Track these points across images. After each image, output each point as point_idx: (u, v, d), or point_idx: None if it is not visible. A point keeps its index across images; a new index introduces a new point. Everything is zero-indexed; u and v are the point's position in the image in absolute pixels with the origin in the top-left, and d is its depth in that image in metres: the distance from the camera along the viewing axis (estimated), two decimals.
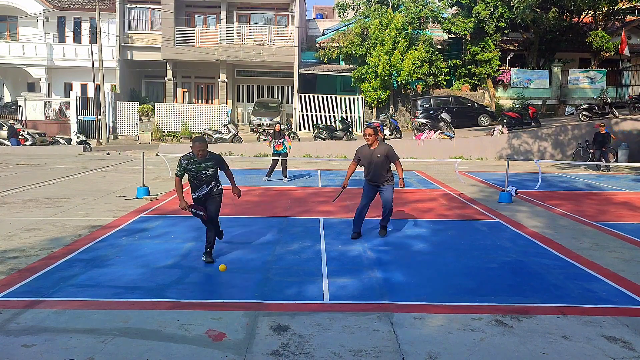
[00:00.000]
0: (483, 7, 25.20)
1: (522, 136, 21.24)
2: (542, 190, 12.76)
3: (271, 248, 7.19)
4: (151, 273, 6.02)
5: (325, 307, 5.06)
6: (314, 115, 26.93)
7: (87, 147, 22.79)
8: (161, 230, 8.14)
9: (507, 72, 27.20)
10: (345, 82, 29.46)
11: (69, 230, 8.00)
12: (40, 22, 30.39)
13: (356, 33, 26.78)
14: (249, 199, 11.23)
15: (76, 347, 4.14)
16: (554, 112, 27.10)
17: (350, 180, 7.83)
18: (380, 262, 6.62)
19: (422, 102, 24.90)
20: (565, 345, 4.33)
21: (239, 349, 4.16)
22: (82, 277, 5.82)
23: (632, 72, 27.01)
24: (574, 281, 5.98)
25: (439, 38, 29.02)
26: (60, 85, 31.46)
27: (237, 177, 9.81)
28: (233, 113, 30.08)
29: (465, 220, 9.36)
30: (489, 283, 5.91)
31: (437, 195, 12.12)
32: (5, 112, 28.24)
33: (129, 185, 12.51)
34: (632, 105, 21.68)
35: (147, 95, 31.70)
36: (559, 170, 17.75)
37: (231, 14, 30.23)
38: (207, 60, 28.60)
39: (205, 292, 5.52)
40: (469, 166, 18.38)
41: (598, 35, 24.58)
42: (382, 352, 4.16)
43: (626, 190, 13.41)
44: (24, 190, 11.87)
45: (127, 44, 29.96)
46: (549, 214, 9.94)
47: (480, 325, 4.69)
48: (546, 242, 7.78)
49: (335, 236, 7.92)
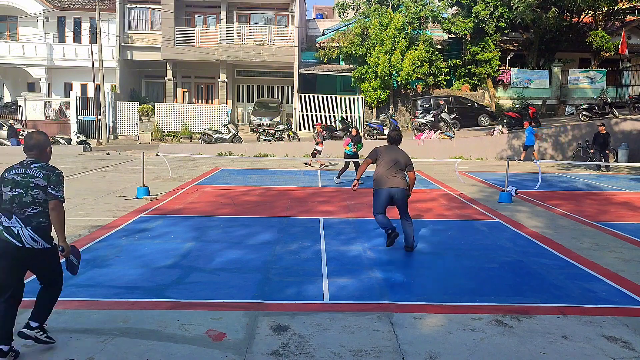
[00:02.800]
0: (483, 7, 25.20)
1: (522, 136, 21.23)
2: (542, 190, 12.76)
3: (271, 248, 7.19)
4: (151, 273, 6.02)
5: (325, 307, 5.07)
6: (314, 115, 26.93)
7: (87, 147, 22.78)
8: (161, 230, 8.14)
9: (507, 72, 27.20)
10: (345, 82, 29.46)
11: (69, 230, 7.99)
12: (40, 22, 30.39)
13: (356, 33, 26.78)
14: (249, 199, 11.23)
15: (76, 347, 4.14)
16: (554, 112, 27.10)
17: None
18: (380, 262, 6.62)
19: (422, 102, 24.90)
20: (565, 345, 4.33)
21: (239, 349, 4.16)
22: (82, 277, 5.82)
23: (632, 72, 27.00)
24: (574, 281, 5.98)
25: (439, 38, 29.02)
26: (60, 85, 31.46)
27: (238, 177, 9.85)
28: (233, 113, 30.09)
29: (465, 220, 9.36)
30: (489, 283, 5.92)
31: (437, 195, 12.12)
32: (5, 112, 28.24)
33: (129, 185, 12.51)
34: (632, 105, 21.67)
35: (147, 95, 31.71)
36: (559, 170, 17.75)
37: (231, 14, 30.24)
38: (207, 60, 28.61)
39: (205, 292, 5.52)
40: (469, 166, 18.38)
41: (598, 35, 24.57)
42: (382, 352, 4.16)
43: (626, 190, 13.41)
44: None
45: (127, 44, 29.97)
46: (549, 214, 9.94)
47: (480, 325, 4.69)
48: (546, 242, 7.78)
49: (335, 236, 7.92)
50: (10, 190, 3.95)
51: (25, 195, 3.93)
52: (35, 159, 4.08)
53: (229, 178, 14.46)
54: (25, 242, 3.90)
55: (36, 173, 3.98)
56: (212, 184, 13.40)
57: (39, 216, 3.95)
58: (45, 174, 3.99)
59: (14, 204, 3.93)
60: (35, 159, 4.08)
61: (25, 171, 3.99)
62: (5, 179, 4.01)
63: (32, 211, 3.95)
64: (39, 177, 3.97)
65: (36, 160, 4.07)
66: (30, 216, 3.94)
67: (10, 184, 3.97)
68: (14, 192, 3.94)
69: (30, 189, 3.94)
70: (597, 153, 17.93)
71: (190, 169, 16.31)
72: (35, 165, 4.03)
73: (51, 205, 3.96)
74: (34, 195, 3.95)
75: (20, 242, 3.89)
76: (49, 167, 4.08)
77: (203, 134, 23.53)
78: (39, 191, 3.95)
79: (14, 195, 3.94)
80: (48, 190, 3.96)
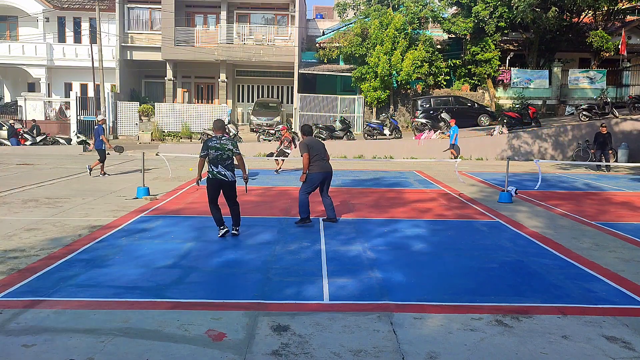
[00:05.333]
0: (483, 7, 25.20)
1: (522, 136, 21.24)
2: (542, 190, 12.76)
3: (271, 248, 7.19)
4: (151, 273, 6.02)
5: (325, 307, 5.06)
6: (314, 115, 26.92)
7: (87, 147, 22.78)
8: (161, 230, 8.14)
9: (507, 72, 27.20)
10: (345, 82, 29.46)
11: (69, 230, 8.00)
12: (40, 22, 30.39)
13: (356, 33, 26.78)
14: (249, 198, 11.23)
15: (76, 347, 4.14)
16: (554, 112, 27.10)
17: (350, 180, 7.90)
18: (380, 262, 6.62)
19: (422, 102, 24.90)
20: (565, 345, 4.33)
21: (239, 349, 4.16)
22: (82, 277, 5.82)
23: (632, 72, 27.00)
24: (574, 281, 5.98)
25: (439, 38, 29.02)
26: (60, 85, 31.46)
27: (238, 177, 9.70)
28: (233, 113, 30.08)
29: (465, 220, 9.36)
30: (489, 283, 5.91)
31: (437, 195, 12.12)
32: (5, 112, 28.23)
33: (129, 185, 12.51)
34: (632, 105, 21.68)
35: (147, 95, 31.71)
36: (559, 170, 17.75)
37: (231, 14, 30.24)
38: (207, 60, 28.60)
39: (205, 292, 5.52)
40: (469, 166, 18.37)
41: (598, 35, 24.57)
42: (382, 352, 4.16)
43: (626, 190, 13.41)
44: (24, 190, 11.88)
45: (127, 44, 29.96)
46: (549, 214, 9.94)
47: (480, 325, 4.69)
48: (546, 242, 7.78)
49: (335, 236, 7.92)
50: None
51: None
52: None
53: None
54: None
55: None
56: None
57: None
58: None
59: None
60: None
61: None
62: None
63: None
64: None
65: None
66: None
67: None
68: None
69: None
70: (597, 153, 17.93)
71: (190, 169, 16.30)
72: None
73: None
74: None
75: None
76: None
77: (203, 134, 23.51)
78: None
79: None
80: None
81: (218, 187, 7.55)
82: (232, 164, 7.60)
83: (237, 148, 7.59)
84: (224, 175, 7.47)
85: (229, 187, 7.59)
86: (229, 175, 7.51)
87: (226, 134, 7.46)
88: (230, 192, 7.65)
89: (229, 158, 7.53)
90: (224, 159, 7.46)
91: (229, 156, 7.51)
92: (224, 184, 7.53)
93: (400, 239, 7.82)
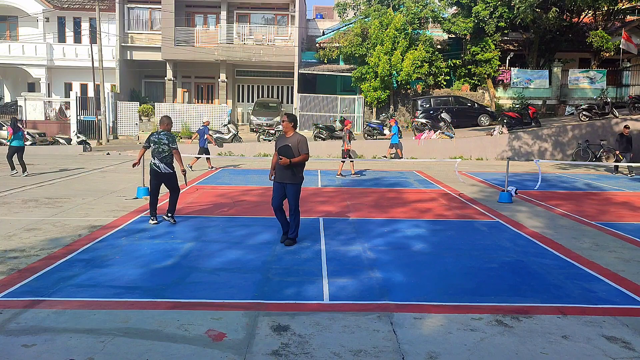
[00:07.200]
0: (483, 7, 25.19)
1: (522, 136, 21.25)
2: (542, 190, 12.76)
3: (271, 248, 7.19)
4: (151, 273, 6.02)
5: (325, 307, 5.06)
6: (314, 115, 26.92)
7: (87, 147, 22.78)
8: (161, 230, 8.14)
9: (507, 72, 27.20)
10: (345, 82, 29.46)
11: (69, 230, 8.00)
12: (40, 22, 30.39)
13: (356, 33, 26.78)
14: (249, 199, 11.23)
15: (76, 347, 4.14)
16: (554, 112, 27.10)
17: (350, 180, 7.85)
18: (380, 262, 6.62)
19: (422, 102, 24.90)
20: (565, 345, 4.33)
21: (239, 349, 4.15)
22: (82, 277, 5.82)
23: (632, 72, 27.00)
24: (574, 281, 5.98)
25: (439, 38, 29.01)
26: (60, 85, 31.46)
27: (238, 177, 9.74)
28: (233, 113, 30.08)
29: (465, 220, 9.36)
30: (489, 283, 5.91)
31: (437, 195, 12.12)
32: (5, 112, 28.22)
33: (129, 185, 12.51)
34: (632, 105, 21.68)
35: (147, 95, 31.70)
36: (559, 170, 17.75)
37: (231, 14, 30.23)
38: (207, 60, 28.60)
39: (205, 292, 5.52)
40: (469, 166, 18.38)
41: (598, 35, 24.57)
42: (382, 352, 4.16)
43: (626, 190, 13.41)
44: (24, 190, 11.87)
45: (127, 44, 29.95)
46: (549, 214, 9.94)
47: (480, 325, 4.69)
48: (546, 242, 7.78)
49: (335, 236, 7.92)
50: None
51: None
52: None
53: (228, 178, 14.46)
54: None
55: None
56: (212, 184, 13.41)
57: None
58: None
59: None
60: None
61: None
62: None
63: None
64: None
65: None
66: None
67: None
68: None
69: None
70: (627, 155, 16.61)
71: (190, 168, 16.29)
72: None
73: None
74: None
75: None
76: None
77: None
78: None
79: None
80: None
81: (155, 177, 8.43)
82: (169, 157, 8.38)
83: (174, 143, 8.40)
84: (157, 166, 8.32)
85: (165, 178, 8.44)
86: (162, 167, 8.33)
87: (167, 130, 8.41)
88: (167, 182, 8.48)
89: (165, 152, 8.30)
90: (159, 152, 8.30)
91: (164, 150, 8.29)
92: (159, 175, 8.39)
93: (400, 239, 7.82)
